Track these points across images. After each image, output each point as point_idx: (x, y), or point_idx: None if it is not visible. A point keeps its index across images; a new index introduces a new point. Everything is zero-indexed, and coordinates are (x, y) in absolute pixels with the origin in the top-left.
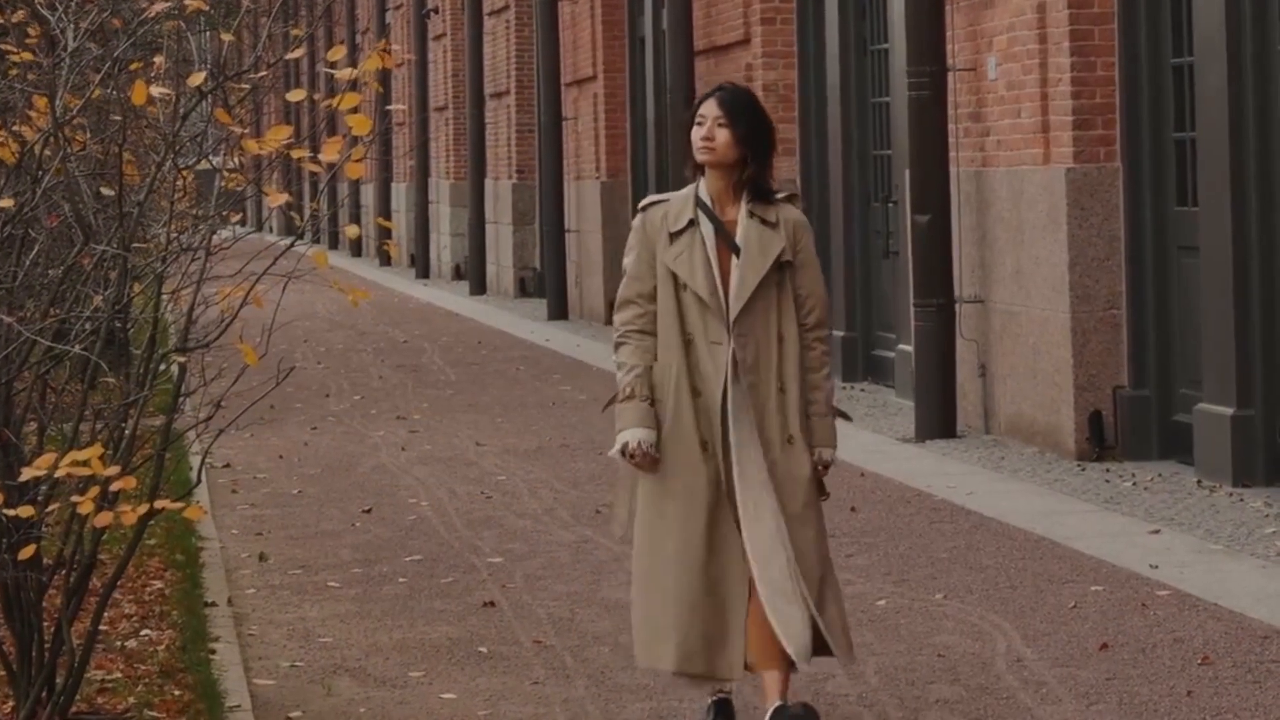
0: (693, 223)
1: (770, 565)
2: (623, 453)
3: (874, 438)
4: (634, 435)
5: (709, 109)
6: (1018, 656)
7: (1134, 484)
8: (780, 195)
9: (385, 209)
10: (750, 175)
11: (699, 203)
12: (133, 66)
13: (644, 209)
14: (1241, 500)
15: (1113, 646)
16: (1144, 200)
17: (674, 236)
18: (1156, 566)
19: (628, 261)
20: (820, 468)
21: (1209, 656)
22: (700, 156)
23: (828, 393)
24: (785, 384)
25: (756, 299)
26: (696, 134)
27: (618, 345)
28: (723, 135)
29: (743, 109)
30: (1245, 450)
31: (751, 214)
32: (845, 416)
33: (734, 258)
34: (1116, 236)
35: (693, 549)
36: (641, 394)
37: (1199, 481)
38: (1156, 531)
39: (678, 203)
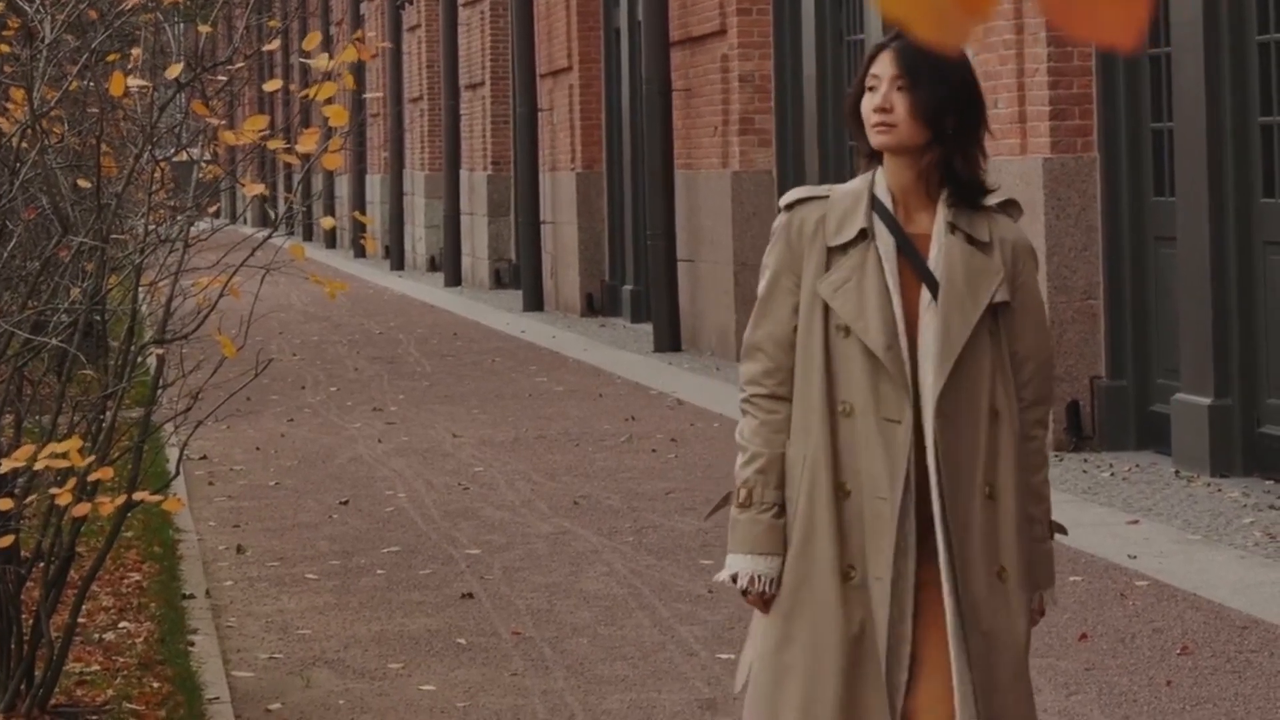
0: (865, 234)
1: None
2: (739, 586)
3: None
4: (747, 566)
5: (883, 66)
6: None
7: (1112, 474)
8: (994, 201)
9: (360, 201)
10: (943, 163)
11: (875, 204)
12: (110, 58)
13: (789, 206)
14: (1219, 490)
15: (1092, 637)
16: (1121, 191)
17: (834, 252)
18: (1135, 557)
19: (762, 285)
20: (1036, 616)
21: (1188, 646)
22: (875, 139)
23: (1049, 508)
24: (997, 488)
25: (965, 359)
26: (868, 105)
27: (743, 413)
28: (902, 104)
29: (931, 66)
30: (1223, 440)
31: (954, 227)
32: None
33: (924, 291)
34: (1094, 227)
35: None
36: (763, 499)
37: (1177, 471)
38: (1135, 522)
39: (844, 200)
